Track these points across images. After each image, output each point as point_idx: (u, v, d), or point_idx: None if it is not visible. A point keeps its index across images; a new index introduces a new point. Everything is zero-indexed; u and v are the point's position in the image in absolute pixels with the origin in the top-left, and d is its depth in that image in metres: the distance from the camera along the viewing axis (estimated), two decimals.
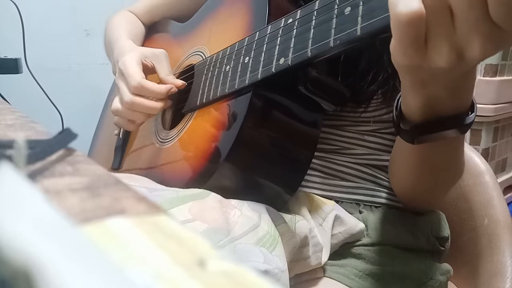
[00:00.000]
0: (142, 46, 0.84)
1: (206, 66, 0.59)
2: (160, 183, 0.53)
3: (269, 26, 0.49)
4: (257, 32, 0.51)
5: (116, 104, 0.62)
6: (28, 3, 1.30)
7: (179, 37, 0.75)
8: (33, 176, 0.22)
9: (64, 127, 0.31)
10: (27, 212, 0.13)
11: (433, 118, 0.41)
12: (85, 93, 1.42)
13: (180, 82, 0.62)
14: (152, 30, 0.87)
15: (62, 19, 1.42)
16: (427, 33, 0.31)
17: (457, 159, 0.51)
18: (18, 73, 1.17)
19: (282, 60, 0.46)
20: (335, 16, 0.41)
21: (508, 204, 0.76)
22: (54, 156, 0.26)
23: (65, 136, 0.28)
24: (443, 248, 0.61)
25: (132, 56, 0.62)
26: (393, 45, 0.32)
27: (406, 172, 0.54)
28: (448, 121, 0.41)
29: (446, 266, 0.61)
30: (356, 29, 0.38)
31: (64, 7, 1.43)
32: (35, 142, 0.26)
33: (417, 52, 0.31)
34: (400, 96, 0.45)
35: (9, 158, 0.20)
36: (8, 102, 0.83)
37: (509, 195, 1.32)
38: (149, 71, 0.63)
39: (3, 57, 1.16)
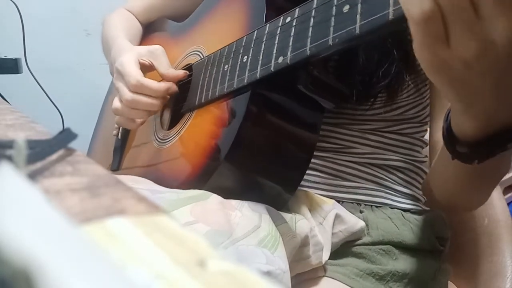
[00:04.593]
0: (139, 45, 0.84)
1: (204, 65, 0.59)
2: (159, 184, 0.53)
3: (267, 25, 0.49)
4: (255, 31, 0.50)
5: (116, 103, 0.63)
6: (28, 3, 1.30)
7: (177, 37, 0.75)
8: (33, 176, 0.22)
9: (64, 127, 0.31)
10: (27, 212, 0.13)
11: (494, 133, 0.37)
12: (85, 93, 1.41)
13: (182, 72, 0.62)
14: (149, 29, 0.87)
15: (62, 19, 1.42)
16: (448, 28, 0.30)
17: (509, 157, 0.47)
18: (18, 73, 1.17)
19: (281, 59, 0.46)
20: (333, 14, 0.41)
21: (508, 204, 0.76)
22: (54, 156, 0.26)
23: (65, 136, 0.28)
24: (443, 248, 0.61)
25: (129, 56, 0.62)
26: (416, 45, 0.32)
27: (455, 184, 0.50)
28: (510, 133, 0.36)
29: (446, 266, 0.61)
30: (355, 27, 0.38)
31: (64, 7, 1.43)
32: (35, 142, 0.26)
33: (440, 46, 0.31)
34: (447, 118, 0.41)
35: (9, 158, 0.20)
36: (8, 102, 0.83)
37: (509, 195, 1.32)
38: (147, 69, 0.63)
39: (3, 57, 1.16)
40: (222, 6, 0.64)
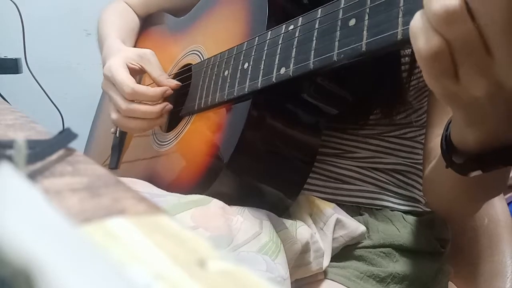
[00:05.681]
0: (137, 40, 0.83)
1: (204, 69, 0.58)
2: (158, 187, 0.53)
3: (269, 32, 0.48)
4: (257, 37, 0.49)
5: (113, 114, 0.62)
6: (28, 3, 1.30)
7: (176, 33, 0.74)
8: (33, 176, 0.22)
9: (64, 127, 0.31)
10: (27, 212, 0.13)
11: (493, 149, 0.36)
12: (85, 93, 1.41)
13: (174, 83, 0.61)
14: (147, 23, 0.86)
15: (62, 19, 1.42)
16: (458, 65, 0.28)
17: (509, 172, 0.47)
18: (18, 73, 1.17)
19: (283, 70, 0.45)
20: (339, 27, 0.40)
21: (508, 204, 0.76)
22: (54, 156, 0.26)
23: (65, 136, 0.28)
24: (444, 250, 0.61)
25: (117, 61, 0.60)
26: (425, 77, 0.31)
27: (449, 194, 0.50)
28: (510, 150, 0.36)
29: (446, 266, 0.61)
30: (361, 44, 0.37)
31: (64, 7, 1.43)
32: (35, 142, 0.26)
33: (449, 81, 0.29)
34: (448, 127, 0.41)
35: (9, 158, 0.20)
36: (8, 102, 0.84)
37: (509, 195, 1.31)
38: (136, 73, 0.62)
39: (3, 57, 1.16)
40: (223, 4, 0.63)
